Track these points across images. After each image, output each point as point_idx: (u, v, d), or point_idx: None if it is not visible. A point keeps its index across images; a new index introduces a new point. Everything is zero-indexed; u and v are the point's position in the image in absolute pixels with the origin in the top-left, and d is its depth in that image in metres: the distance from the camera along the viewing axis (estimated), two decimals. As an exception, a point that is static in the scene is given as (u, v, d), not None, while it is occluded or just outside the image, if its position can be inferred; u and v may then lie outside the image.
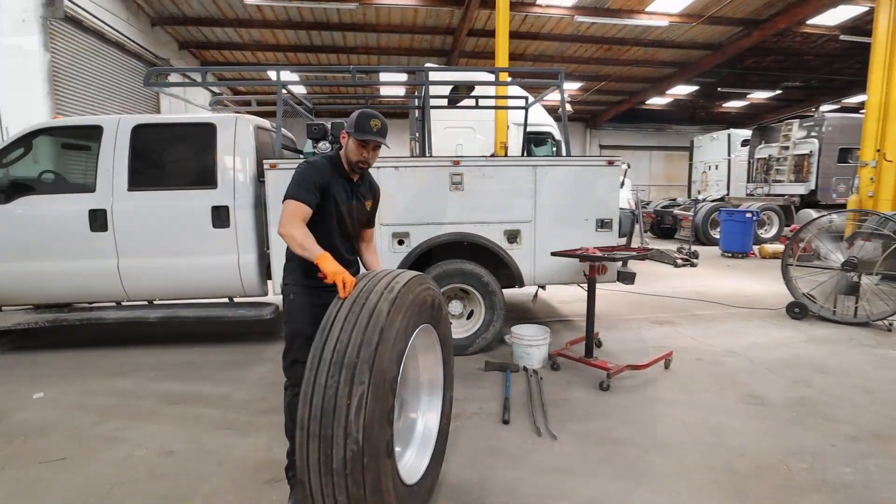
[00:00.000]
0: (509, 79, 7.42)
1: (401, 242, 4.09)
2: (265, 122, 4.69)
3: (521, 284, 4.29)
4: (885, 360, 4.04)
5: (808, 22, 12.16)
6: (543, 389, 3.44)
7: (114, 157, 4.04)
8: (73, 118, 6.27)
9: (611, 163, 4.27)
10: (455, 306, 4.31)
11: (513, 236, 4.21)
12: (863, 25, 12.12)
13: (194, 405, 3.31)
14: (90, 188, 4.03)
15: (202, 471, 2.51)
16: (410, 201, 4.05)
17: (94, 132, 4.11)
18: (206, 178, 4.10)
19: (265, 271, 4.29)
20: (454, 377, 2.44)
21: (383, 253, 4.00)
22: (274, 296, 4.15)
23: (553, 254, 3.93)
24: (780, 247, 10.33)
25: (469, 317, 4.34)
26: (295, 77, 15.71)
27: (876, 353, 4.24)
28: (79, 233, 4.00)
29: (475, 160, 4.18)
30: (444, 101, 7.25)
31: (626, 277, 4.33)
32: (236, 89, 15.17)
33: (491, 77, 7.83)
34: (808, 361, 4.02)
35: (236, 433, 2.91)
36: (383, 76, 14.37)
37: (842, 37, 12.88)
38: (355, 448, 1.48)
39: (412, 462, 2.11)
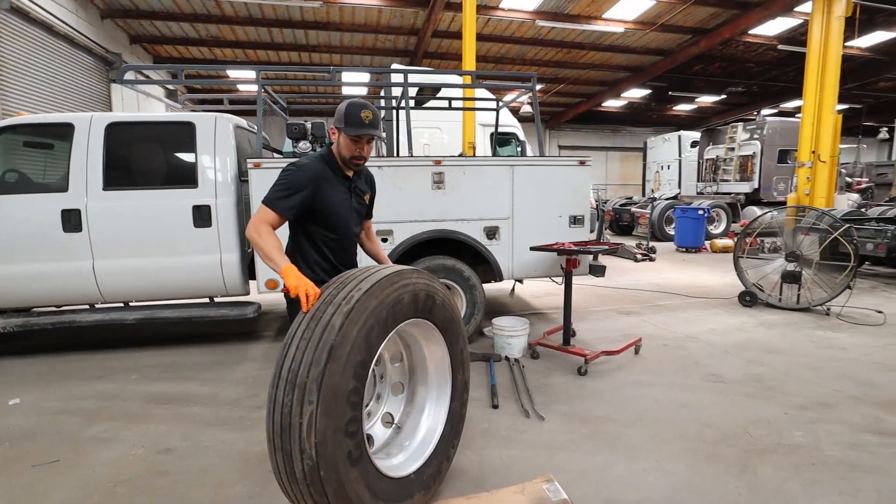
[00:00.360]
0: (484, 81, 7.64)
1: (384, 240, 4.19)
2: (243, 122, 4.68)
3: (500, 279, 4.48)
4: (825, 341, 4.49)
5: (749, 32, 13.02)
6: (526, 376, 3.64)
7: (87, 156, 3.94)
8: (41, 115, 5.98)
9: (582, 163, 4.53)
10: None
11: (492, 232, 4.40)
12: (798, 36, 13.12)
13: (183, 404, 3.31)
14: (62, 188, 3.92)
15: (204, 465, 2.54)
16: (393, 200, 4.16)
17: (65, 130, 4.00)
18: (186, 177, 4.07)
19: (247, 270, 4.30)
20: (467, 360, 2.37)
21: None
22: (258, 294, 4.19)
23: (532, 248, 4.14)
24: (729, 241, 11.06)
25: (450, 311, 4.49)
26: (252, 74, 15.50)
27: (817, 334, 4.69)
28: (50, 234, 3.89)
29: (456, 160, 4.34)
30: (412, 102, 7.40)
31: (598, 270, 4.60)
32: (193, 87, 14.74)
33: (464, 79, 8.03)
34: (759, 343, 4.41)
35: (232, 429, 2.94)
36: (358, 76, 14.34)
37: (780, 46, 13.87)
38: (310, 463, 1.55)
39: (411, 453, 2.14)
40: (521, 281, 5.08)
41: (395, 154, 6.62)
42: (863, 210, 8.45)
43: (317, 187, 2.11)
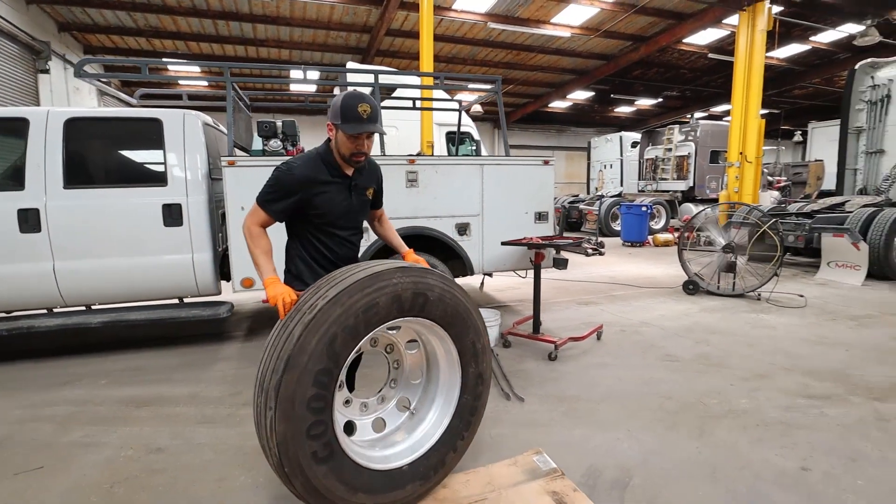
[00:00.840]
0: (449, 82, 7.81)
1: (359, 237, 4.28)
2: (209, 119, 4.60)
3: (472, 273, 4.68)
4: (758, 322, 5.03)
5: (684, 41, 13.99)
6: (501, 363, 3.86)
7: (45, 153, 3.77)
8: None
9: (546, 162, 4.81)
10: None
11: (463, 229, 4.59)
12: (726, 46, 14.23)
13: (163, 406, 3.27)
14: (17, 186, 3.73)
15: (201, 461, 2.57)
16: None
17: (18, 125, 3.80)
18: (154, 175, 3.98)
19: (219, 269, 4.25)
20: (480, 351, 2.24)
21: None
22: (234, 293, 4.16)
23: (503, 243, 4.38)
24: (669, 236, 11.86)
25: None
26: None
27: (751, 317, 5.24)
28: (5, 234, 3.69)
29: (429, 159, 4.49)
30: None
31: (560, 263, 4.90)
32: (149, 82, 13.97)
33: (422, 80, 8.18)
34: (704, 326, 4.88)
35: (223, 425, 2.96)
36: (306, 75, 14.05)
37: (710, 55, 14.98)
38: (275, 460, 1.71)
39: (410, 445, 2.15)
40: (490, 275, 5.31)
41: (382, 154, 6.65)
42: (783, 206, 9.36)
43: (310, 191, 2.01)
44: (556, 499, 2.12)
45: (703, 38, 13.85)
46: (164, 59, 7.44)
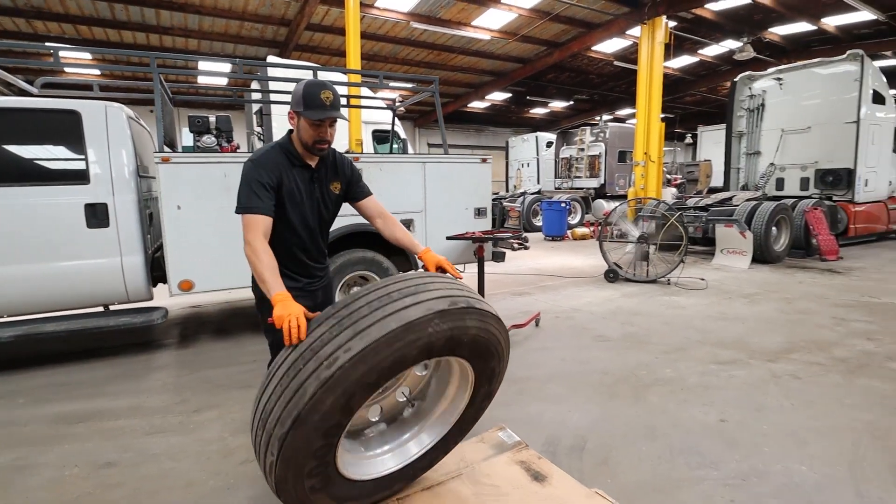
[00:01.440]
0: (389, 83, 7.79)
1: (304, 235, 4.23)
2: (130, 111, 4.29)
3: (416, 267, 4.80)
4: (671, 303, 5.65)
5: (592, 48, 15.04)
6: (451, 353, 4.03)
7: (-63, 148, 3.33)
8: None
9: (484, 160, 5.05)
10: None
11: (407, 224, 4.69)
12: (629, 55, 15.50)
13: (102, 420, 3.05)
14: None
15: (161, 469, 2.47)
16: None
17: None
18: (74, 172, 3.65)
19: (151, 273, 4.00)
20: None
21: (288, 246, 4.12)
22: (171, 297, 3.94)
23: (448, 238, 4.54)
24: (586, 230, 12.75)
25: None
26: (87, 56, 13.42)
27: (665, 299, 5.87)
28: None
29: (373, 157, 4.54)
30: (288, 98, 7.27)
31: (499, 256, 5.19)
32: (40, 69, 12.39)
33: (355, 77, 8.11)
34: (626, 310, 5.39)
35: (176, 434, 2.84)
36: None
37: (615, 62, 16.23)
38: (273, 489, 1.61)
39: (396, 454, 2.08)
40: (432, 269, 5.44)
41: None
42: (681, 201, 10.46)
43: (278, 180, 1.95)
44: (524, 467, 2.32)
45: (610, 46, 14.99)
46: (80, 47, 6.71)
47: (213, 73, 4.68)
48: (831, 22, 13.18)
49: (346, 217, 4.41)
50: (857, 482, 2.24)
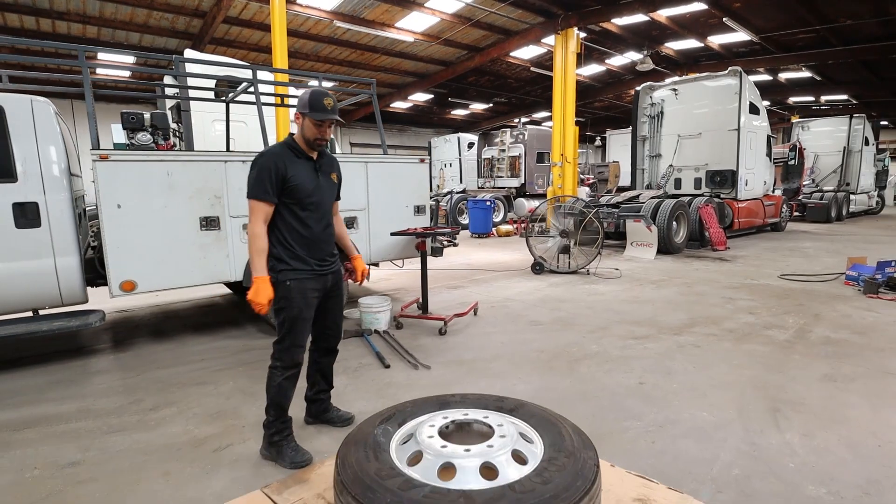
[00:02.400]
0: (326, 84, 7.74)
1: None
2: (52, 105, 4.06)
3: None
4: (592, 291, 6.29)
5: (511, 54, 15.86)
6: (400, 341, 4.28)
7: None
8: None
9: (423, 160, 5.33)
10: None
11: (350, 222, 4.85)
12: (545, 62, 16.52)
13: (52, 425, 2.94)
14: None
15: (133, 463, 2.49)
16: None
17: None
18: (-1, 169, 3.43)
19: (85, 275, 3.84)
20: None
21: (235, 244, 4.15)
22: (112, 298, 3.80)
23: (393, 234, 4.77)
24: (510, 227, 13.45)
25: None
26: None
27: (586, 287, 6.51)
28: None
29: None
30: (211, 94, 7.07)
31: (437, 251, 5.50)
32: None
33: (283, 77, 8.01)
34: (554, 297, 5.94)
35: (138, 431, 2.84)
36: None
37: (532, 68, 17.21)
38: None
39: None
40: (377, 265, 5.62)
41: (192, 148, 6.34)
42: (594, 199, 11.45)
43: (286, 167, 2.30)
44: (483, 430, 2.64)
45: (527, 53, 15.89)
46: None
47: (98, 63, 4.52)
48: (716, 40, 15.00)
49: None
50: (745, 422, 2.81)
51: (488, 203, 12.94)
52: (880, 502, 2.07)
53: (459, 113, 26.17)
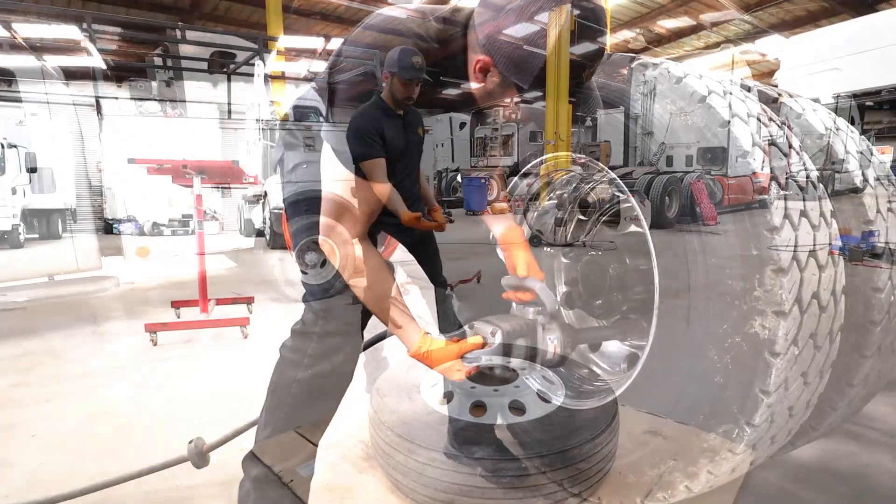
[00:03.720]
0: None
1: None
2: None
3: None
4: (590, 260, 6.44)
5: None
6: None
7: None
8: None
9: (427, 131, 5.36)
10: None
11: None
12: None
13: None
14: None
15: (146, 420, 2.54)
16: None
17: None
18: None
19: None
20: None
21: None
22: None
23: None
24: (504, 205, 13.55)
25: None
26: None
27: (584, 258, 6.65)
28: None
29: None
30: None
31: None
32: None
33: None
34: (552, 267, 6.07)
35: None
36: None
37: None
38: None
39: None
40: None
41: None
42: (589, 175, 11.53)
43: (382, 131, 2.20)
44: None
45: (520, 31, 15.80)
46: None
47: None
48: (708, 18, 15.07)
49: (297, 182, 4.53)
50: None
51: (483, 181, 13.00)
52: None
53: (451, 92, 25.97)
